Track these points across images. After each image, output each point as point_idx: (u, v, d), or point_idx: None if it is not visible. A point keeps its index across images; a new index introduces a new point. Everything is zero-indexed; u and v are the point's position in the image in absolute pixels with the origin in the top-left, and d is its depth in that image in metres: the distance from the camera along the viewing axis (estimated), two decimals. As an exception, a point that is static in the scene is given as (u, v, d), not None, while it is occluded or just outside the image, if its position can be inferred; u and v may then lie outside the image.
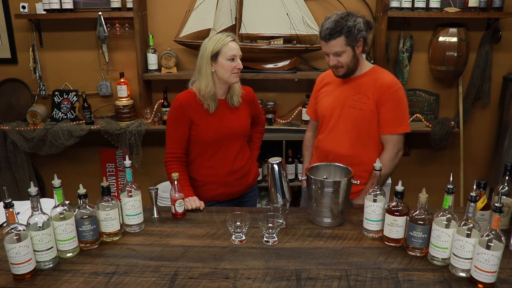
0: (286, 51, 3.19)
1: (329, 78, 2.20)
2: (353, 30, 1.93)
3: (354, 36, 1.94)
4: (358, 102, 2.04)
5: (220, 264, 1.54)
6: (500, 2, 3.05)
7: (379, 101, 2.02)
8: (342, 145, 2.09)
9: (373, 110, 2.03)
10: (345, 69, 2.01)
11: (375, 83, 2.03)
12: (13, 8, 3.30)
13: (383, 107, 2.02)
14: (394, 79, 2.06)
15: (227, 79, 2.05)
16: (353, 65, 2.02)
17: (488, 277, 1.37)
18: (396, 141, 2.07)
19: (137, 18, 3.13)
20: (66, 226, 1.56)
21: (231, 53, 2.01)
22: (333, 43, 1.94)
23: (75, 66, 3.46)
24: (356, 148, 2.08)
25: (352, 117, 2.05)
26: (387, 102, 2.01)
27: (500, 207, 1.34)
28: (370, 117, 2.04)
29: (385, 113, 2.02)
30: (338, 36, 1.93)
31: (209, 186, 2.18)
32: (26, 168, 3.45)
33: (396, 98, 2.02)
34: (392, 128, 2.05)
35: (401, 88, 2.05)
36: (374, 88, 2.02)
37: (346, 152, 2.08)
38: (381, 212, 1.69)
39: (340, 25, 1.92)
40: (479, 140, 3.54)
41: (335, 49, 1.95)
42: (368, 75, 2.07)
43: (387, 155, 2.07)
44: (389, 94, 2.01)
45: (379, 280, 1.44)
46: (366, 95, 2.03)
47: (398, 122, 2.04)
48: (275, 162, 1.82)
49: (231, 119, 2.14)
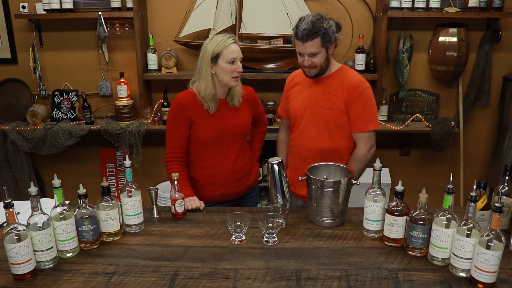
0: (286, 51, 3.19)
1: (298, 79, 2.25)
2: (328, 32, 1.99)
3: (329, 38, 2.00)
4: (328, 102, 2.10)
5: (220, 264, 1.54)
6: (500, 2, 3.05)
7: (347, 101, 2.08)
8: (314, 142, 2.15)
9: (342, 110, 2.09)
10: (317, 69, 2.07)
11: (343, 83, 2.09)
12: (13, 8, 3.30)
13: (352, 107, 2.08)
14: (361, 79, 2.13)
15: (227, 82, 2.05)
16: (326, 66, 2.09)
17: (488, 277, 1.37)
18: (367, 138, 2.13)
19: (137, 18, 3.13)
20: (66, 226, 1.56)
21: (232, 56, 2.01)
22: (309, 43, 1.98)
23: (75, 66, 3.46)
24: (326, 144, 2.14)
25: (323, 117, 2.11)
26: (356, 102, 2.07)
27: (500, 207, 1.34)
28: (340, 116, 2.10)
29: (355, 112, 2.09)
30: (315, 37, 1.97)
31: (209, 186, 2.18)
32: (26, 168, 3.46)
33: (364, 97, 2.08)
34: (362, 126, 2.11)
35: (368, 87, 2.11)
36: (342, 88, 2.08)
37: (318, 148, 2.14)
38: (381, 212, 1.69)
39: (317, 26, 1.96)
40: (479, 140, 3.54)
41: (311, 50, 2.00)
42: (336, 75, 2.12)
43: (359, 152, 2.14)
44: (357, 94, 2.07)
45: (379, 280, 1.44)
46: (335, 95, 2.09)
47: (367, 120, 2.11)
48: (275, 162, 1.82)
49: (231, 118, 2.14)
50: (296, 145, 2.24)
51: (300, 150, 2.20)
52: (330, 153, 2.12)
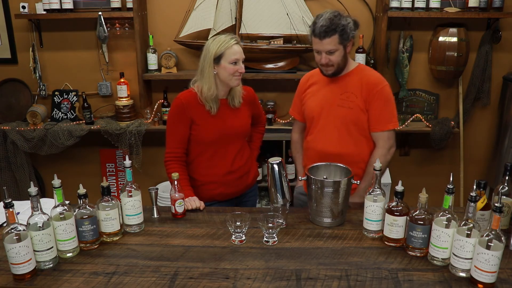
0: (286, 51, 3.19)
1: (314, 79, 2.21)
2: (346, 29, 1.95)
3: (347, 35, 1.96)
4: (347, 101, 2.06)
5: (220, 264, 1.54)
6: (500, 2, 3.05)
7: (367, 99, 2.04)
8: (333, 145, 2.09)
9: (361, 108, 2.05)
10: (335, 67, 2.03)
11: (362, 81, 2.05)
12: (13, 8, 3.30)
13: (372, 105, 2.04)
14: (380, 77, 2.09)
15: (229, 82, 2.05)
16: (343, 64, 2.04)
17: (488, 277, 1.37)
18: (387, 137, 2.09)
19: (137, 18, 3.13)
20: (66, 226, 1.56)
21: (234, 57, 2.00)
22: (327, 40, 1.95)
23: (75, 66, 3.46)
24: (347, 146, 2.09)
25: (341, 116, 2.07)
26: (375, 100, 2.03)
27: (500, 207, 1.34)
28: (359, 115, 2.06)
29: (374, 111, 2.05)
30: (333, 34, 1.93)
31: (208, 185, 2.18)
32: (26, 168, 3.45)
33: (383, 95, 2.04)
34: (382, 125, 2.07)
35: (387, 85, 2.08)
36: (361, 86, 2.04)
37: (337, 151, 2.08)
38: (381, 212, 1.69)
39: (334, 23, 1.93)
40: (479, 140, 3.54)
41: (328, 47, 1.96)
42: (354, 74, 2.08)
43: (379, 152, 2.09)
44: (377, 92, 2.03)
45: (379, 280, 1.44)
46: (354, 93, 2.05)
47: (387, 119, 2.07)
48: (275, 162, 1.82)
49: (231, 119, 2.14)
50: (313, 148, 2.16)
51: (318, 152, 2.12)
52: (350, 155, 2.07)
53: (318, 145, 2.13)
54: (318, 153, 2.11)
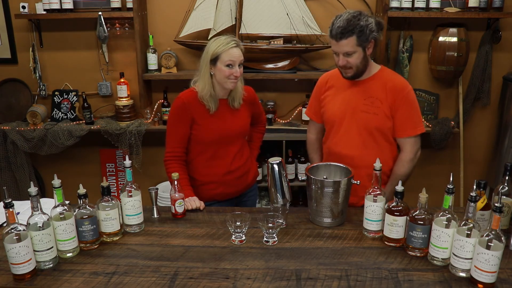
0: (286, 51, 3.19)
1: (333, 81, 2.13)
2: (365, 30, 1.86)
3: (366, 37, 1.88)
4: (371, 107, 1.99)
5: (220, 264, 1.54)
6: (500, 2, 3.05)
7: (393, 105, 1.98)
8: (358, 149, 2.04)
9: (387, 115, 1.99)
10: (354, 70, 1.96)
11: (386, 86, 1.98)
12: (13, 8, 3.30)
13: (399, 111, 1.98)
14: (404, 81, 2.03)
15: (223, 84, 2.05)
16: (363, 67, 1.96)
17: (488, 277, 1.37)
18: (414, 142, 2.04)
19: (137, 18, 3.13)
20: (66, 226, 1.56)
21: (230, 59, 1.99)
22: (344, 42, 1.88)
23: (75, 66, 3.46)
24: (371, 152, 2.03)
25: (366, 122, 2.01)
26: (402, 106, 1.97)
27: (500, 207, 1.34)
28: (384, 121, 2.00)
29: (401, 116, 1.99)
30: (350, 36, 1.86)
31: (208, 185, 2.18)
32: (26, 168, 3.45)
33: (409, 100, 1.99)
34: (410, 131, 2.02)
35: (412, 89, 2.02)
36: (386, 92, 1.98)
37: (362, 156, 2.03)
38: (381, 212, 1.69)
39: (352, 24, 1.85)
40: (479, 140, 3.54)
41: (345, 49, 1.89)
42: (377, 78, 2.02)
43: (406, 157, 2.04)
44: (403, 97, 1.97)
45: (379, 280, 1.44)
46: (379, 99, 1.99)
47: (415, 123, 2.01)
48: (275, 162, 1.82)
49: (231, 120, 2.14)
50: (336, 153, 2.09)
51: (343, 158, 2.03)
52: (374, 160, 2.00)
53: (343, 150, 2.07)
54: (341, 158, 2.04)
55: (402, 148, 2.06)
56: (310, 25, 3.15)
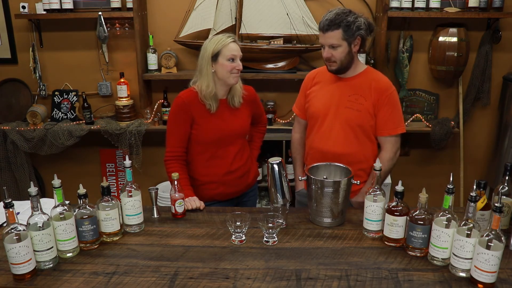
0: (286, 51, 3.19)
1: (320, 77, 2.18)
2: (351, 26, 1.93)
3: (352, 32, 1.94)
4: (355, 103, 2.04)
5: (220, 264, 1.54)
6: (500, 2, 3.05)
7: (377, 104, 2.03)
8: (339, 145, 2.08)
9: (370, 112, 2.04)
10: (338, 64, 2.01)
11: (371, 85, 2.04)
12: (13, 8, 3.29)
13: (381, 110, 2.04)
14: (388, 82, 2.09)
15: (226, 79, 2.05)
16: (347, 62, 2.01)
17: (488, 277, 1.37)
18: (394, 141, 2.10)
19: (137, 18, 3.13)
20: (66, 226, 1.56)
21: (231, 53, 2.02)
22: (330, 34, 1.95)
23: (75, 66, 3.46)
24: (353, 147, 2.08)
25: (349, 118, 2.05)
26: (385, 105, 2.03)
27: (500, 207, 1.34)
28: (366, 118, 2.05)
29: (384, 115, 2.04)
30: (336, 29, 1.93)
31: (208, 185, 2.18)
32: (26, 168, 3.45)
33: (392, 100, 2.05)
34: (391, 130, 2.07)
35: (395, 90, 2.09)
36: (370, 90, 2.03)
37: (343, 151, 2.07)
38: (381, 212, 1.69)
39: (339, 18, 1.93)
40: (479, 140, 3.54)
41: (330, 41, 1.96)
42: (363, 76, 2.07)
43: (387, 155, 2.09)
44: (387, 97, 2.03)
45: (379, 280, 1.44)
46: (363, 96, 2.04)
47: (396, 123, 2.07)
48: (275, 162, 1.82)
49: (231, 119, 2.14)
50: (317, 148, 2.14)
51: (323, 153, 2.09)
52: (356, 157, 2.07)
53: (324, 146, 2.11)
54: (323, 154, 2.10)
55: (383, 147, 2.12)
56: (310, 25, 3.15)
